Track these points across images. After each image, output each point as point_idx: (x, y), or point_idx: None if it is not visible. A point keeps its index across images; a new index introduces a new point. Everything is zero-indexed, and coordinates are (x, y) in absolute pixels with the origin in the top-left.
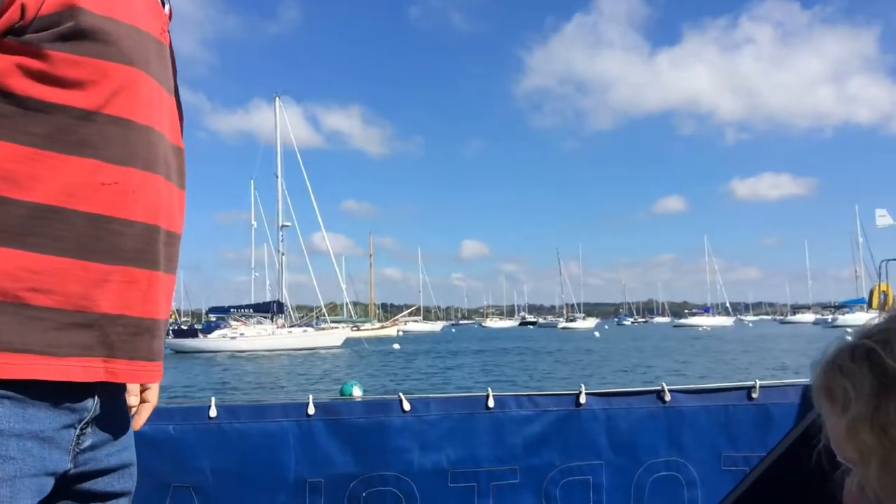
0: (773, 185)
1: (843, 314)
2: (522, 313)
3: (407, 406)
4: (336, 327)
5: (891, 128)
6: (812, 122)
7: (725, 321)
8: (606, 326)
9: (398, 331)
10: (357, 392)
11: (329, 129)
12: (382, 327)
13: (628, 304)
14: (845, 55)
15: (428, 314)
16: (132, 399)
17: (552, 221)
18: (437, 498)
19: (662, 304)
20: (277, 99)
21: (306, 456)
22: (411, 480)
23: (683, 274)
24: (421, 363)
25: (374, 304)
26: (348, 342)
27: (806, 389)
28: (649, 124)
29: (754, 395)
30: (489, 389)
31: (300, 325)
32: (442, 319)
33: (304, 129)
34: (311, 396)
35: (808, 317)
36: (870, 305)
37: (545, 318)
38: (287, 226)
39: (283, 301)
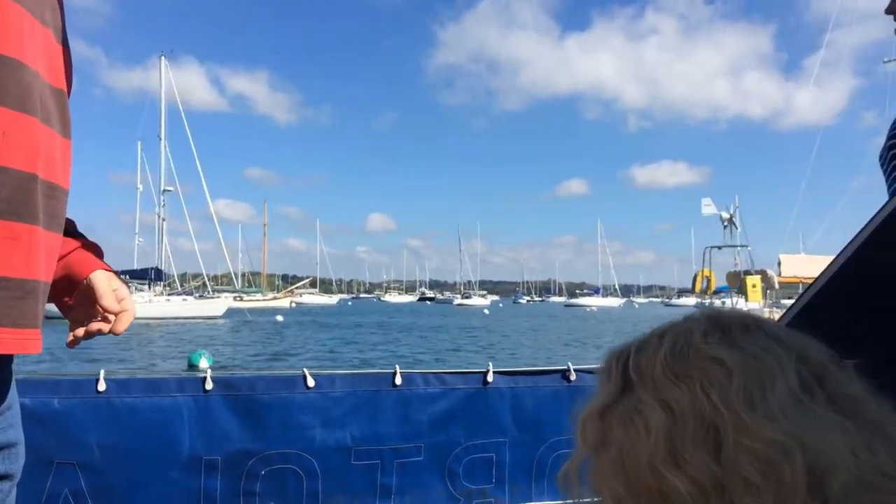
0: (670, 173)
1: (720, 299)
2: (422, 289)
3: (311, 382)
4: (219, 297)
5: (779, 123)
6: (709, 114)
7: (615, 302)
8: (501, 304)
9: (291, 302)
10: (204, 363)
11: (234, 93)
12: (275, 298)
13: (527, 283)
14: (742, 51)
15: (330, 287)
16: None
17: (459, 199)
18: (339, 475)
19: (560, 284)
20: (163, 58)
21: (202, 432)
22: (313, 458)
23: (583, 255)
24: (296, 335)
25: (270, 276)
26: (231, 312)
27: None
28: (557, 107)
29: (571, 378)
30: (396, 366)
31: (181, 294)
32: (344, 293)
33: (207, 91)
34: (209, 371)
35: (691, 300)
36: (693, 290)
37: (443, 295)
38: (169, 190)
39: (163, 268)
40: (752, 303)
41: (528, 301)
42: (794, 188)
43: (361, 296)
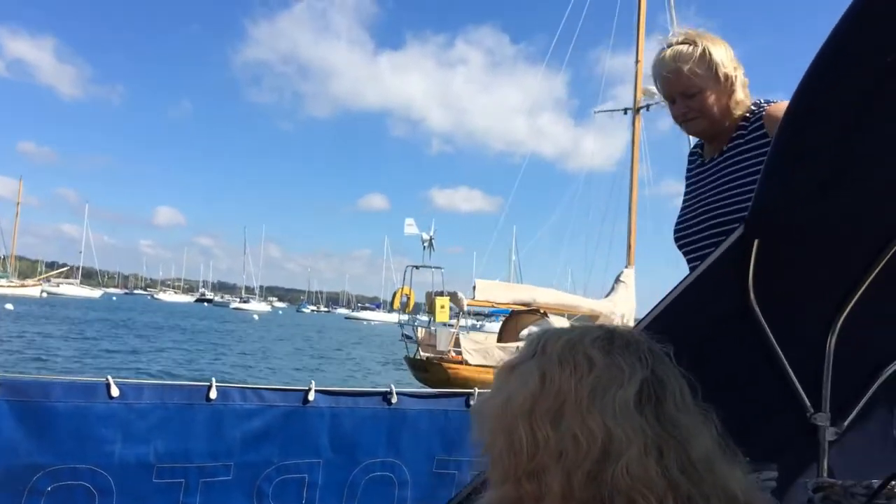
0: (466, 199)
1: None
2: (203, 290)
3: (115, 391)
4: None
5: (565, 164)
6: (506, 147)
7: (394, 317)
8: (281, 312)
9: (42, 292)
10: None
11: (11, 57)
12: (22, 286)
13: (316, 292)
14: (540, 92)
15: (99, 279)
16: None
17: (257, 200)
18: (137, 494)
19: (350, 295)
20: None
21: None
22: (109, 475)
23: (377, 270)
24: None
25: (33, 262)
26: None
27: None
28: (365, 120)
29: (472, 402)
30: (213, 380)
31: None
32: (117, 287)
33: None
34: None
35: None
36: (391, 307)
37: (222, 297)
38: None
39: None
40: (440, 322)
41: (312, 310)
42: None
43: (136, 292)
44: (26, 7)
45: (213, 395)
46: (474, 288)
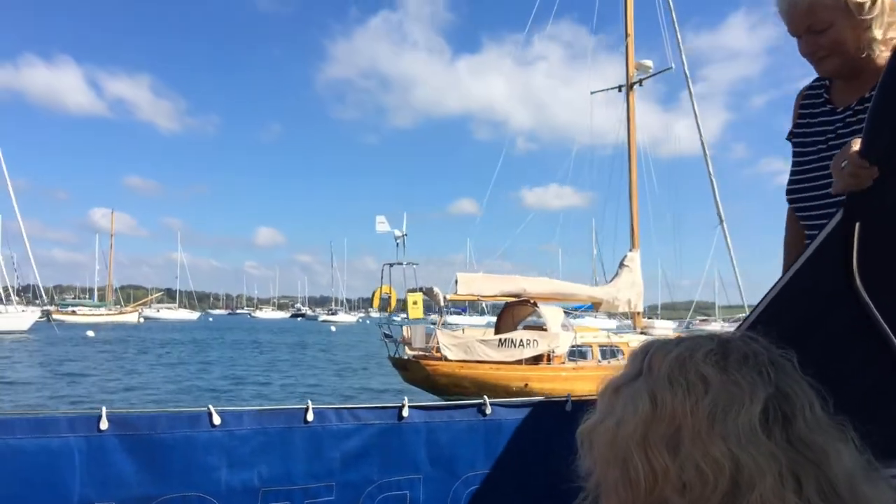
0: (557, 195)
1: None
2: (298, 305)
3: (217, 420)
4: (24, 310)
5: (659, 151)
6: (591, 140)
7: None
8: (368, 321)
9: (140, 317)
10: None
11: (113, 97)
12: (121, 312)
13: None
14: (623, 81)
15: (207, 302)
16: None
17: (348, 213)
18: None
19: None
20: None
21: (95, 476)
22: (217, 500)
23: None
24: (73, 351)
25: (134, 289)
26: (39, 327)
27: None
28: (448, 126)
29: (567, 409)
30: (309, 402)
31: None
32: (222, 307)
33: (84, 93)
34: (104, 408)
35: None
36: (371, 306)
37: (313, 311)
38: None
39: None
40: (414, 319)
41: (402, 318)
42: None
43: (238, 311)
44: (122, 49)
45: (310, 417)
46: (456, 282)
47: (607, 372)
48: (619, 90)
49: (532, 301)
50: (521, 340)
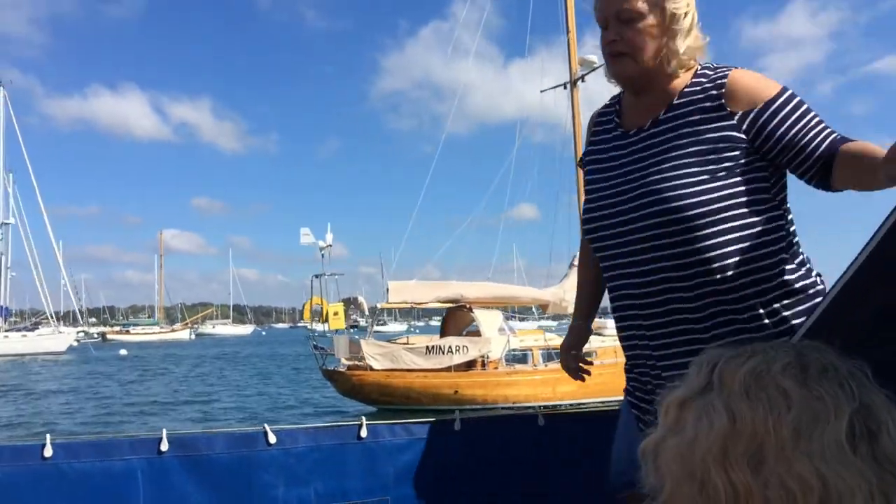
0: None
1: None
2: (353, 316)
3: (273, 438)
4: (62, 332)
5: None
6: None
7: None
8: (417, 330)
9: (191, 334)
10: None
11: (177, 121)
12: (172, 330)
13: None
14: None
15: (273, 316)
16: None
17: (407, 223)
18: None
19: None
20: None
21: (158, 497)
22: None
23: (534, 279)
24: (112, 370)
25: (203, 307)
26: (82, 347)
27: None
28: (504, 131)
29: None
30: (363, 419)
31: (19, 329)
32: (284, 322)
33: (150, 119)
34: (164, 430)
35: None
36: (302, 318)
37: (366, 321)
38: (8, 223)
39: (4, 303)
40: (336, 329)
41: None
42: None
43: (299, 325)
44: (182, 73)
45: (363, 433)
46: (387, 290)
47: (546, 375)
48: (564, 87)
49: (467, 306)
50: (450, 347)
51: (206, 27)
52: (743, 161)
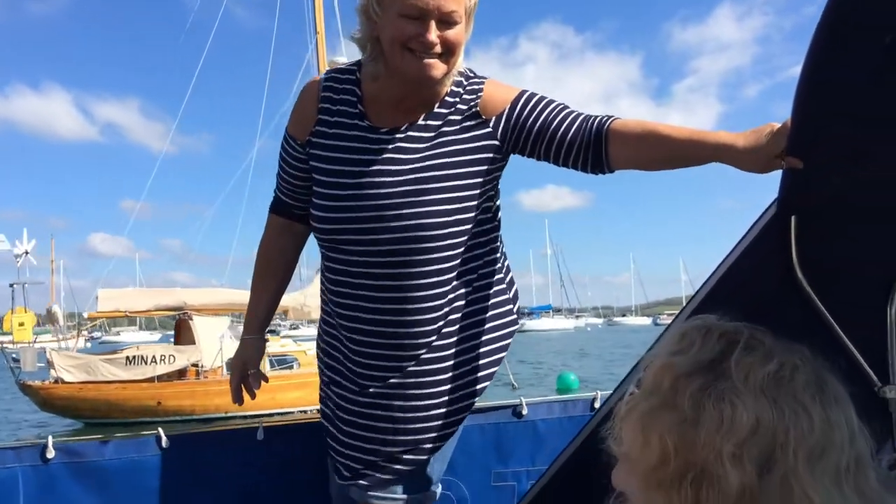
0: (555, 197)
1: (531, 319)
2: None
3: (165, 443)
4: None
5: None
6: None
7: None
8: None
9: (87, 342)
10: None
11: (103, 121)
12: (64, 339)
13: None
14: (613, 78)
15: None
16: None
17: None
18: None
19: None
20: None
21: None
22: None
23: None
24: None
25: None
26: None
27: (568, 405)
28: None
29: (523, 413)
30: (49, 438)
31: None
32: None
33: (75, 119)
34: (50, 437)
35: None
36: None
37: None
38: None
39: None
40: (20, 341)
41: None
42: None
43: None
44: (109, 74)
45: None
46: (97, 298)
47: (272, 382)
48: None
49: (187, 314)
50: (153, 357)
51: (134, 25)
52: (492, 174)
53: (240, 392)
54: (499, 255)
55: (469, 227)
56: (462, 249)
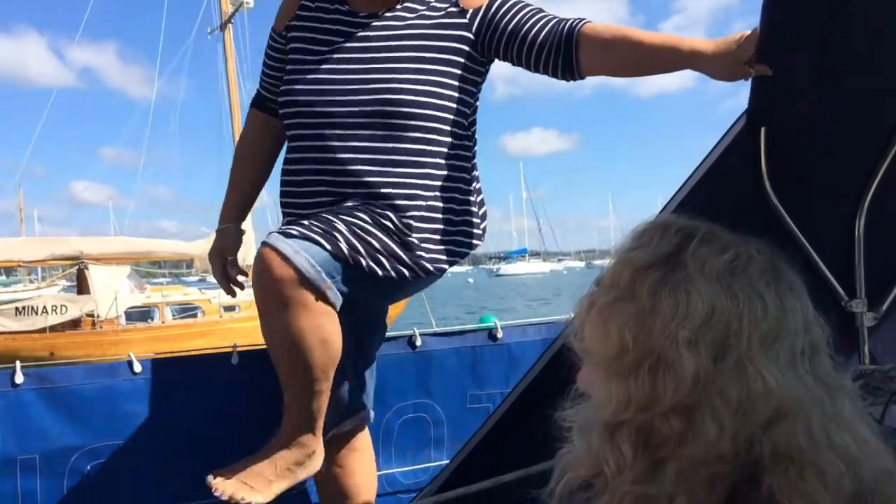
0: (541, 140)
1: (507, 263)
2: None
3: (138, 367)
4: None
5: (638, 90)
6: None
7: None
8: None
9: (62, 290)
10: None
11: (80, 66)
12: (38, 287)
13: None
14: (599, 15)
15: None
16: None
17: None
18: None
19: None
20: None
21: (14, 431)
22: (146, 445)
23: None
24: None
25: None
26: None
27: (542, 328)
28: None
29: (498, 336)
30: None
31: None
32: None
33: (52, 64)
34: (17, 363)
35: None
36: None
37: None
38: None
39: None
40: None
41: None
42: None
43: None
44: (83, 13)
45: (234, 360)
46: None
47: (169, 331)
48: (210, 34)
49: (84, 263)
50: (44, 307)
51: None
52: (468, 71)
53: (227, 281)
54: (470, 166)
55: (440, 113)
56: (433, 136)
